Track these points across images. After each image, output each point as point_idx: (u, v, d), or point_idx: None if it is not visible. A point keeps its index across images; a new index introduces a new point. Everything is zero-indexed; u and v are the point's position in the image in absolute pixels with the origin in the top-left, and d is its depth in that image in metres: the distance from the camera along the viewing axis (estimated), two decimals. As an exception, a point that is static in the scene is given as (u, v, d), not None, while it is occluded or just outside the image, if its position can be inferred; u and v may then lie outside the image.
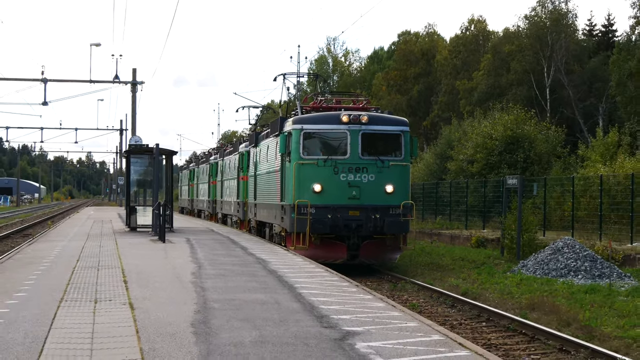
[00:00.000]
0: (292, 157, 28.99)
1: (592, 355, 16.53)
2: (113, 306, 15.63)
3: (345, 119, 28.51)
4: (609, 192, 40.42)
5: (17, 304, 15.79)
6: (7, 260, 26.53)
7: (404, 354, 11.59)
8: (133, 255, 26.51)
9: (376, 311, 15.47)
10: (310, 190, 28.21)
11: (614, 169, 44.71)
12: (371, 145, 28.92)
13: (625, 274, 28.98)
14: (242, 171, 44.29)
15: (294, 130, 29.00)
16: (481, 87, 78.28)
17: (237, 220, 47.06)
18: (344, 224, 28.07)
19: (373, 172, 28.49)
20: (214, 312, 14.94)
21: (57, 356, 11.15)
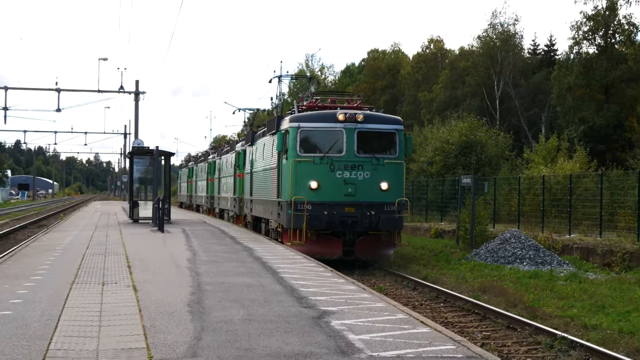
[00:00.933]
0: (289, 155, 26.77)
1: (536, 332, 16.60)
2: (118, 288, 15.64)
3: (341, 118, 26.39)
4: (550, 190, 40.61)
5: (34, 286, 15.78)
6: (25, 248, 26.49)
7: (373, 330, 11.63)
8: (135, 244, 26.48)
9: (348, 293, 15.51)
10: (306, 187, 26.01)
11: (555, 170, 45.01)
12: (366, 144, 26.72)
13: (564, 261, 29.19)
14: (238, 169, 41.65)
15: (291, 128, 26.83)
16: (440, 98, 78.48)
17: (233, 215, 44.59)
18: (339, 220, 25.81)
19: (368, 170, 26.28)
20: (207, 293, 14.97)
21: (70, 332, 11.16)
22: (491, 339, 16.25)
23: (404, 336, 11.28)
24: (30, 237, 36.93)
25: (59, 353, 9.82)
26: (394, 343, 10.76)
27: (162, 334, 11.10)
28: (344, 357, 9.85)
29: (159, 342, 10.52)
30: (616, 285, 23.42)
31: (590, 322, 17.54)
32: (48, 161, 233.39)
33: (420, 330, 11.77)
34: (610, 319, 17.87)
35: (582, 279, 25.14)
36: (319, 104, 30.43)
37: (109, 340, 10.59)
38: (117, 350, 10.01)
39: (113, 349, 10.08)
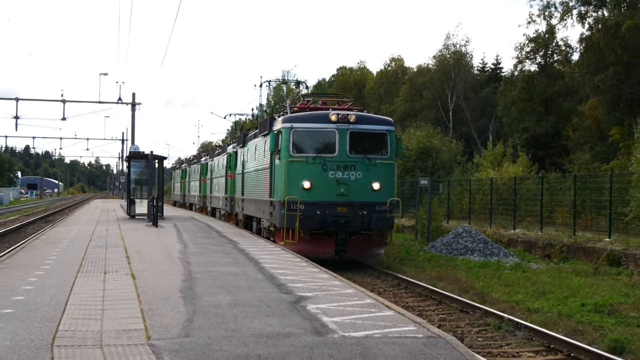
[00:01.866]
0: (281, 155, 24.23)
1: (485, 314, 16.66)
2: (119, 276, 15.58)
3: (334, 118, 23.91)
4: (497, 190, 40.85)
5: (44, 275, 15.70)
6: (34, 241, 26.35)
7: (344, 313, 11.64)
8: (133, 237, 26.36)
9: (321, 281, 15.50)
10: (299, 187, 23.54)
11: (501, 173, 45.32)
12: (359, 144, 24.20)
13: (510, 253, 29.33)
14: (229, 170, 39.06)
15: (284, 128, 24.27)
16: (400, 110, 78.91)
17: (225, 213, 42.00)
18: (332, 220, 23.35)
19: (360, 170, 23.82)
20: (197, 281, 14.92)
21: (76, 315, 11.12)
22: (447, 321, 16.31)
23: (371, 318, 11.30)
24: (39, 231, 36.72)
25: (67, 334, 9.79)
26: (363, 325, 10.78)
27: (158, 316, 11.08)
28: (319, 337, 9.85)
29: (155, 324, 10.49)
30: (555, 274, 23.57)
31: (533, 306, 17.63)
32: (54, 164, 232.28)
33: (385, 313, 11.79)
34: (550, 303, 17.97)
35: (526, 268, 25.27)
36: (311, 105, 28.31)
37: (111, 323, 10.56)
38: (119, 331, 9.98)
39: (115, 330, 10.05)
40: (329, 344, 9.50)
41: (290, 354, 8.94)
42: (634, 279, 22.17)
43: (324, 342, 9.59)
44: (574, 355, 13.30)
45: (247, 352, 8.94)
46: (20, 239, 35.06)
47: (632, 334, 14.60)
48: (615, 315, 16.69)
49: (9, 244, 32.04)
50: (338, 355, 8.90)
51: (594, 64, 50.96)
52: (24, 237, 36.09)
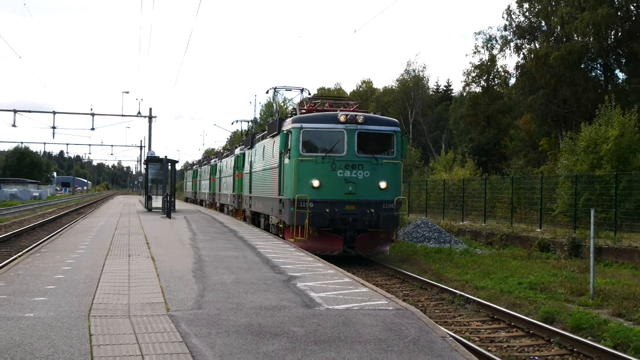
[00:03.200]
0: (291, 154, 21.33)
1: (441, 291, 16.71)
2: (141, 259, 15.49)
3: (342, 119, 21.13)
4: (448, 189, 40.99)
5: (79, 257, 15.61)
6: (69, 229, 26.21)
7: (327, 290, 11.63)
8: (151, 227, 26.26)
9: (307, 263, 15.45)
10: (308, 186, 20.72)
11: (452, 175, 45.48)
12: (366, 144, 21.38)
13: (459, 240, 29.46)
14: (237, 170, 36.11)
15: (293, 128, 21.41)
16: (369, 123, 79.10)
17: (232, 209, 38.94)
18: (340, 217, 20.57)
19: (368, 169, 21.03)
20: (205, 263, 14.85)
21: (107, 290, 11.05)
22: (410, 296, 16.32)
23: (350, 294, 11.28)
24: (72, 221, 36.58)
25: (100, 306, 9.73)
26: (344, 299, 10.77)
27: (175, 292, 11.03)
28: (308, 309, 9.84)
29: (173, 298, 10.45)
30: (496, 258, 23.68)
31: (479, 284, 17.68)
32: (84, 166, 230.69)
33: (361, 290, 11.78)
34: (493, 282, 18.03)
35: (472, 253, 25.37)
36: (318, 107, 25.21)
37: (136, 297, 10.51)
38: (143, 304, 9.93)
39: (140, 303, 10.00)
40: (317, 315, 9.50)
41: (285, 323, 8.93)
42: (561, 262, 22.30)
43: (312, 313, 9.59)
44: (513, 324, 13.36)
45: (250, 322, 8.92)
46: (57, 227, 34.91)
47: (560, 307, 14.68)
48: (546, 291, 16.79)
49: (48, 232, 31.91)
50: (325, 324, 8.89)
51: (527, 86, 51.33)
52: (60, 226, 35.93)
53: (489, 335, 12.66)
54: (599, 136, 31.14)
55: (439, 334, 8.64)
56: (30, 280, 12.02)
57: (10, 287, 11.20)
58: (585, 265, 19.85)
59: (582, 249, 23.91)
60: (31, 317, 8.94)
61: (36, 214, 51.89)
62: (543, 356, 11.28)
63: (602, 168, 29.91)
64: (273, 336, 8.20)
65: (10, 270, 13.25)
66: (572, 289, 16.82)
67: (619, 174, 27.43)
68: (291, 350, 7.64)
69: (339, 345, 7.88)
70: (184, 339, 7.98)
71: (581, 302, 15.44)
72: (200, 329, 8.45)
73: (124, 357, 7.20)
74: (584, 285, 16.91)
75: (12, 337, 7.88)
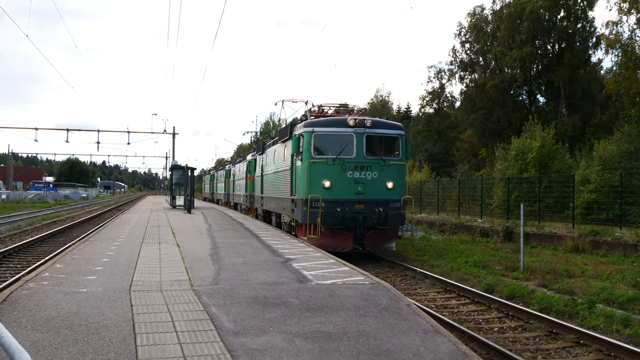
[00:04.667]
0: (303, 157, 18.74)
1: (405, 269, 16.74)
2: (168, 246, 15.40)
3: (351, 123, 18.63)
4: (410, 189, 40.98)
5: (120, 245, 15.52)
6: (111, 222, 26.07)
7: (316, 269, 11.61)
8: (175, 220, 26.13)
9: (300, 248, 15.41)
10: (320, 186, 18.26)
11: (411, 178, 45.43)
12: (374, 147, 18.89)
13: (418, 229, 29.42)
14: (249, 173, 33.33)
15: (305, 132, 18.88)
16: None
17: (245, 207, 35.69)
18: (351, 216, 18.13)
19: (376, 170, 18.56)
20: (220, 249, 14.80)
21: (143, 270, 10.99)
22: (381, 273, 16.31)
23: (334, 272, 11.26)
24: (113, 216, 36.34)
25: (139, 282, 9.68)
26: (329, 276, 10.76)
27: (196, 271, 10.98)
28: (302, 284, 9.82)
29: (195, 276, 10.40)
30: (448, 243, 23.72)
31: (435, 263, 17.72)
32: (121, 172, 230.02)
33: (342, 269, 11.76)
34: (445, 261, 18.07)
35: (429, 239, 25.41)
36: (326, 114, 22.10)
37: (166, 275, 10.45)
38: (172, 281, 9.88)
39: (170, 280, 9.95)
40: (309, 288, 9.48)
41: (284, 294, 8.91)
42: (497, 245, 22.41)
43: (305, 287, 9.58)
44: (462, 294, 13.40)
45: (256, 294, 8.90)
46: (101, 221, 34.68)
47: (498, 280, 14.74)
48: (487, 268, 16.85)
49: (94, 225, 31.69)
50: (315, 295, 8.88)
51: (469, 108, 51.46)
52: (103, 220, 35.70)
53: (443, 303, 12.69)
54: (525, 147, 31.35)
55: (405, 302, 8.65)
56: (83, 263, 11.94)
57: (68, 268, 11.13)
58: (517, 248, 19.96)
59: (514, 235, 24.03)
60: (84, 291, 8.88)
61: (84, 210, 51.55)
62: (485, 318, 11.32)
63: (528, 172, 30.11)
64: (275, 305, 8.18)
65: (67, 255, 13.16)
66: (506, 266, 16.90)
67: (541, 176, 27.60)
68: (289, 316, 7.63)
69: (326, 312, 7.88)
70: (204, 308, 7.95)
71: (514, 276, 15.52)
72: (218, 300, 8.42)
73: (159, 322, 7.16)
74: (515, 263, 16.99)
75: (71, 307, 7.83)
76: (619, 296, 12.12)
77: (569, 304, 11.67)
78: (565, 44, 45.71)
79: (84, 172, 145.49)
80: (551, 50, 47.37)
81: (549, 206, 26.83)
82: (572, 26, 45.55)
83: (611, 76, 38.13)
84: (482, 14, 52.54)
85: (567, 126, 42.44)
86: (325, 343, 6.47)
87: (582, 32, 45.81)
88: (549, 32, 46.21)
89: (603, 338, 9.28)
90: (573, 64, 44.03)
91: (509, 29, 46.70)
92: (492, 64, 50.38)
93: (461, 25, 54.51)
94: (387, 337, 6.78)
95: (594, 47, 45.62)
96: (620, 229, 21.30)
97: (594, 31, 45.40)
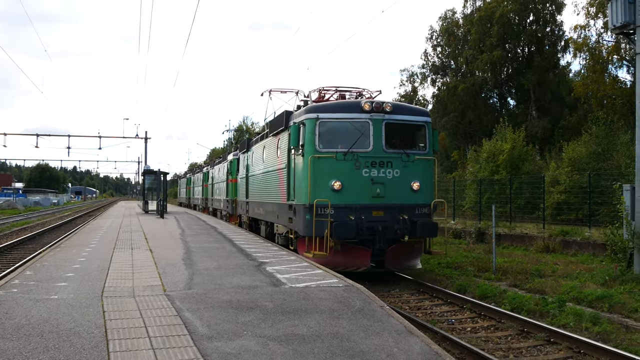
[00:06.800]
0: (305, 150, 14.28)
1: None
2: (141, 251, 15.26)
3: (366, 107, 14.21)
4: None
5: (91, 250, 15.35)
6: (83, 228, 25.76)
7: (290, 272, 11.59)
8: (148, 225, 25.91)
9: (274, 252, 15.35)
10: (328, 188, 13.96)
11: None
12: (395, 137, 14.64)
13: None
14: (230, 175, 29.27)
15: (308, 119, 14.30)
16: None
17: (226, 214, 31.56)
18: (367, 226, 13.82)
19: (398, 167, 14.28)
20: (193, 253, 14.70)
21: (115, 276, 10.88)
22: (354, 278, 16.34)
23: (308, 275, 11.27)
24: (85, 222, 35.90)
25: (110, 289, 9.59)
26: (303, 279, 10.75)
27: (169, 276, 10.90)
28: (275, 287, 9.82)
29: (168, 281, 10.33)
30: (420, 244, 23.81)
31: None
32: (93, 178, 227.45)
33: (317, 272, 11.77)
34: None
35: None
36: (330, 98, 17.21)
37: (139, 281, 10.36)
38: (145, 287, 9.81)
39: (142, 286, 9.87)
40: (282, 291, 9.48)
41: (258, 298, 8.90)
42: (470, 246, 22.62)
43: (279, 290, 9.57)
44: (435, 295, 13.50)
45: (230, 298, 8.87)
46: (72, 227, 34.25)
47: (470, 281, 14.90)
48: (459, 269, 17.00)
49: (66, 231, 31.28)
50: (289, 299, 8.89)
51: (441, 111, 51.87)
52: (75, 226, 35.26)
53: (417, 304, 12.78)
54: (497, 149, 31.70)
55: (378, 304, 8.70)
56: (54, 269, 11.79)
57: (38, 275, 10.98)
58: (489, 248, 20.18)
59: (486, 236, 24.28)
60: (56, 298, 8.77)
61: (55, 216, 50.87)
62: (458, 319, 11.43)
63: (500, 173, 30.45)
64: (249, 309, 8.17)
65: (37, 262, 12.98)
66: (479, 267, 17.08)
67: (512, 178, 27.94)
68: (263, 319, 7.63)
69: (300, 315, 7.89)
70: (178, 313, 7.91)
71: (486, 277, 15.69)
72: (191, 305, 8.38)
73: (132, 328, 7.11)
74: (487, 264, 17.18)
75: (41, 314, 7.74)
76: (588, 295, 12.34)
77: (540, 303, 11.85)
78: (534, 47, 46.40)
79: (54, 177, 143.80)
80: (521, 54, 48.04)
81: (520, 207, 27.17)
82: (541, 30, 46.26)
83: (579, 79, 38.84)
84: (453, 18, 53.07)
85: (537, 128, 43.05)
86: (299, 346, 6.49)
87: (551, 36, 46.55)
88: (518, 36, 46.87)
89: (573, 336, 9.44)
90: (542, 67, 44.69)
91: (479, 33, 47.25)
92: (464, 68, 50.91)
93: (433, 29, 55.04)
94: (360, 339, 6.82)
95: (562, 51, 46.37)
96: (589, 228, 21.66)
97: (563, 35, 46.16)
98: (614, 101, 34.51)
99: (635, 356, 8.37)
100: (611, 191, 20.40)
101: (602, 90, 34.48)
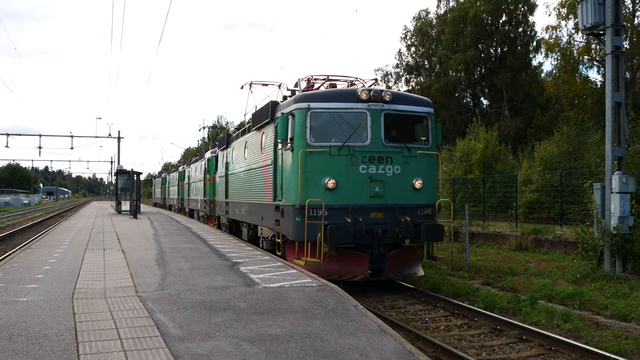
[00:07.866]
0: (295, 145, 12.80)
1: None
2: (113, 252, 15.10)
3: (364, 96, 12.75)
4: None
5: (62, 252, 15.13)
6: (54, 229, 25.41)
7: (264, 272, 11.54)
8: (121, 226, 25.63)
9: (248, 252, 15.29)
10: (320, 187, 12.55)
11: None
12: (395, 130, 13.49)
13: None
14: (208, 174, 27.60)
15: (297, 110, 12.85)
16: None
17: (204, 215, 29.85)
18: (365, 229, 12.48)
19: (398, 163, 12.90)
20: (166, 254, 14.58)
21: (87, 278, 10.74)
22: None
23: (282, 275, 11.22)
24: (56, 223, 35.42)
25: (81, 290, 9.45)
26: (277, 279, 10.71)
27: (142, 277, 10.79)
28: (249, 288, 9.77)
29: (140, 282, 10.22)
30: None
31: (382, 264, 17.82)
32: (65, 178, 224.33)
33: (291, 272, 11.72)
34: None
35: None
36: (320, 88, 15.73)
37: (111, 282, 10.24)
38: (117, 288, 9.69)
39: (114, 287, 9.75)
40: (256, 291, 9.44)
41: (231, 299, 8.85)
42: (443, 245, 22.67)
43: (253, 290, 9.53)
44: (409, 294, 13.55)
45: (203, 299, 8.81)
46: (44, 228, 33.78)
47: (444, 279, 15.01)
48: (433, 268, 17.09)
49: (36, 232, 30.85)
50: (263, 299, 8.85)
51: (416, 111, 52.09)
52: (46, 227, 34.78)
53: (391, 303, 12.82)
54: (470, 148, 31.97)
55: (352, 303, 8.71)
56: (23, 271, 11.60)
57: (7, 277, 10.79)
58: (462, 247, 20.34)
59: (460, 235, 24.45)
60: (25, 300, 8.63)
61: (26, 217, 50.14)
62: (432, 317, 11.50)
63: (473, 172, 30.71)
64: (222, 310, 8.12)
65: (7, 264, 12.75)
66: (452, 265, 17.19)
67: (485, 177, 28.19)
68: (237, 320, 7.58)
69: (274, 315, 7.86)
70: (150, 314, 7.83)
71: (459, 275, 15.81)
72: (163, 306, 8.30)
73: (102, 330, 7.02)
74: (461, 262, 17.31)
75: (10, 317, 7.60)
76: (559, 292, 12.50)
77: (512, 301, 11.97)
78: (507, 47, 46.89)
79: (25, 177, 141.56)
80: (494, 54, 48.51)
81: (493, 206, 27.43)
82: (514, 30, 46.76)
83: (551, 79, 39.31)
84: (427, 18, 53.39)
85: (510, 128, 43.52)
86: (273, 346, 6.46)
87: (523, 37, 47.08)
88: (491, 36, 47.32)
89: (544, 333, 9.55)
90: (515, 67, 45.18)
91: (453, 33, 47.59)
92: (437, 67, 51.23)
93: (407, 29, 55.27)
94: (334, 338, 6.81)
95: (534, 51, 46.92)
96: (561, 227, 21.94)
97: (535, 35, 46.73)
98: (585, 101, 35.03)
99: (605, 352, 8.49)
100: (582, 190, 20.68)
101: (573, 90, 34.95)
